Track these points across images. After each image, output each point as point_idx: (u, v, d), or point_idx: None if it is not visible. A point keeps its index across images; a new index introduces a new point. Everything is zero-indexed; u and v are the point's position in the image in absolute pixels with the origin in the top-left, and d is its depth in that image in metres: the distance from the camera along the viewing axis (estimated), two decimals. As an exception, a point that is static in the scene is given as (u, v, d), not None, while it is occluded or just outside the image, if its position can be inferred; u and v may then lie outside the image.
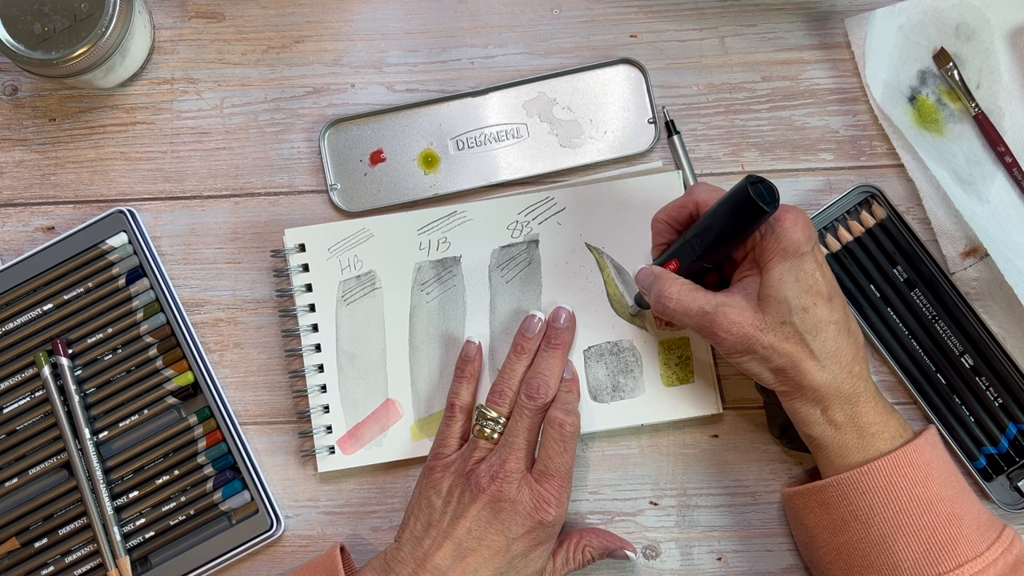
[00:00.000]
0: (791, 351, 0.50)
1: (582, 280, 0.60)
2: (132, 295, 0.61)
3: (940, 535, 0.49)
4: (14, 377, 0.61)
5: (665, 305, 0.52)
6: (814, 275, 0.50)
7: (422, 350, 0.60)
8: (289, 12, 0.65)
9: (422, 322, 0.61)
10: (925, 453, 0.51)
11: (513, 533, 0.53)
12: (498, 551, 0.53)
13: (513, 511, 0.53)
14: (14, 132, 0.65)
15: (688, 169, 0.62)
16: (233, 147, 0.64)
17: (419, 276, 0.61)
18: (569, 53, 0.64)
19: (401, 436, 0.60)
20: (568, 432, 0.54)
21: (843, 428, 0.51)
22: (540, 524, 0.53)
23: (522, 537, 0.53)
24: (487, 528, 0.53)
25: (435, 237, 0.61)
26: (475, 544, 0.52)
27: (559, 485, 0.54)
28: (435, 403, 0.60)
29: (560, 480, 0.54)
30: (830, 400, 0.51)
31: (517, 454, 0.54)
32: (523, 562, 0.53)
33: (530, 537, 0.53)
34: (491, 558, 0.52)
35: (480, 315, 0.60)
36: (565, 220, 0.61)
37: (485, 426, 0.55)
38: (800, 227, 0.50)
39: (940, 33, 0.62)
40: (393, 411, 0.60)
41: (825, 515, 0.52)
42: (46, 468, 0.60)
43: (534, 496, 0.53)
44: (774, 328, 0.50)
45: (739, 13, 0.63)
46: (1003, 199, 0.60)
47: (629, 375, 0.59)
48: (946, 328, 0.60)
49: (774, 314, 0.50)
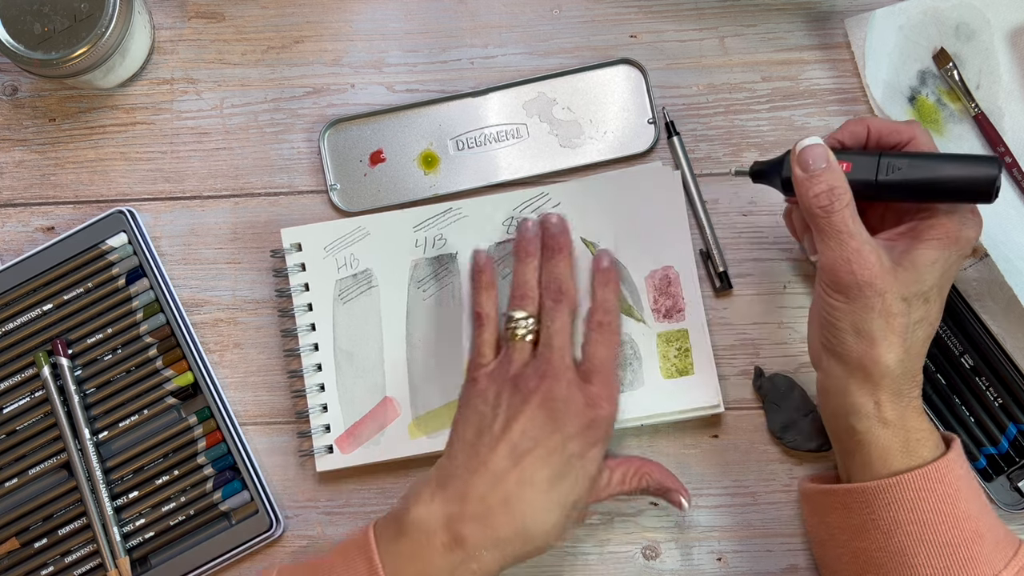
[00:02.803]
0: (891, 324, 0.48)
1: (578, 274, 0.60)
2: (132, 295, 0.61)
3: (962, 552, 0.48)
4: (14, 377, 0.61)
5: (821, 186, 0.48)
6: (953, 276, 0.50)
7: (419, 347, 0.60)
8: (289, 12, 0.65)
9: (419, 319, 0.61)
10: (956, 469, 0.49)
11: (568, 431, 0.51)
12: (554, 450, 0.51)
13: (566, 409, 0.51)
14: (14, 132, 0.65)
15: (688, 169, 0.62)
16: (233, 147, 0.64)
17: (415, 273, 0.61)
18: (569, 53, 0.64)
19: (399, 434, 0.59)
20: (610, 329, 0.54)
21: (892, 427, 0.49)
22: (594, 421, 0.52)
23: (577, 435, 0.51)
24: (542, 428, 0.51)
25: (431, 234, 0.61)
26: (531, 445, 0.51)
27: (606, 379, 0.53)
28: (432, 401, 0.60)
29: (606, 374, 0.53)
30: (888, 392, 0.49)
31: (559, 353, 0.53)
32: (580, 462, 0.52)
33: (586, 436, 0.52)
34: (548, 458, 0.51)
35: None
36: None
37: (518, 327, 0.54)
38: (978, 226, 0.49)
39: (940, 33, 0.62)
40: (391, 409, 0.60)
41: (845, 517, 0.51)
42: (46, 468, 0.60)
43: (585, 393, 0.52)
44: (894, 295, 0.48)
45: (739, 13, 0.63)
46: (1003, 199, 0.60)
47: (628, 368, 0.59)
48: (946, 328, 0.59)
49: (903, 285, 0.48)
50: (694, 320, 0.59)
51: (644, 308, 0.60)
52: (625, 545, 0.60)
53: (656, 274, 0.60)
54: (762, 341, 0.61)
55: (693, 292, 0.60)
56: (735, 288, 0.61)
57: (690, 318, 0.59)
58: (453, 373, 0.60)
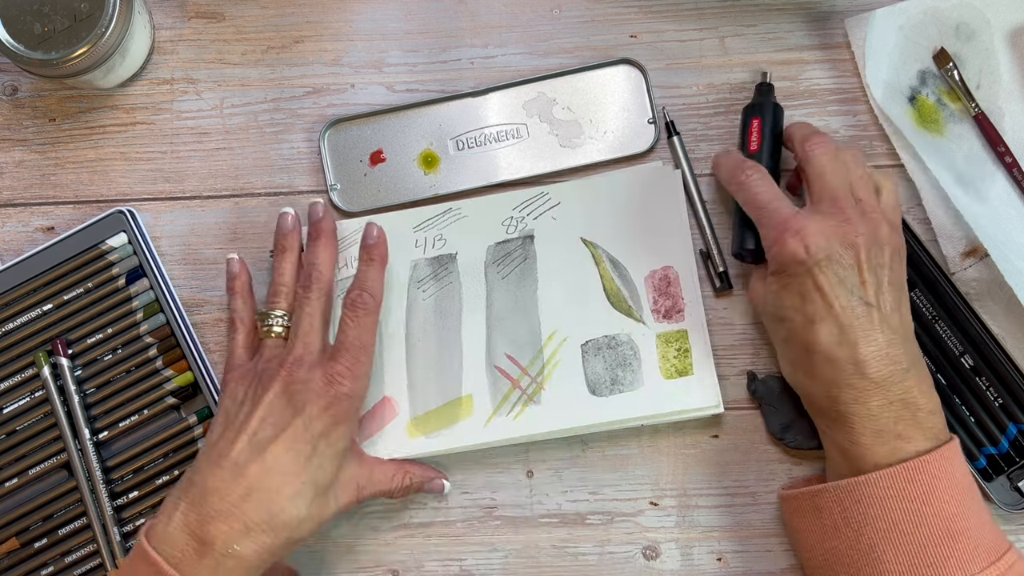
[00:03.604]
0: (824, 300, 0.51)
1: (578, 274, 0.60)
2: (132, 295, 0.61)
3: (930, 552, 0.48)
4: (14, 377, 0.61)
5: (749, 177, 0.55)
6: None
7: (419, 347, 0.60)
8: (289, 12, 0.65)
9: (418, 319, 0.61)
10: (934, 468, 0.49)
11: (310, 412, 0.52)
12: (297, 435, 0.51)
13: (306, 390, 0.52)
14: (14, 132, 0.65)
15: (688, 169, 0.62)
16: (233, 147, 0.64)
17: (415, 274, 0.61)
18: (569, 53, 0.64)
19: (397, 434, 0.59)
20: (360, 305, 0.54)
21: (868, 426, 0.50)
22: (335, 399, 0.52)
23: (319, 415, 0.52)
24: (282, 413, 0.52)
25: (431, 234, 0.61)
26: (272, 432, 0.51)
27: (352, 357, 0.53)
28: (431, 401, 0.60)
29: (354, 353, 0.53)
30: (843, 387, 0.50)
31: (305, 340, 0.54)
32: (325, 443, 0.52)
33: (328, 414, 0.52)
34: (291, 444, 0.51)
35: (476, 311, 0.60)
36: (560, 215, 0.61)
37: (270, 325, 0.55)
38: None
39: (940, 33, 0.62)
40: (389, 409, 0.60)
41: (818, 520, 0.51)
42: (46, 468, 0.60)
43: (326, 372, 0.52)
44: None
45: (739, 13, 0.63)
46: (1003, 199, 0.60)
47: (627, 368, 0.59)
48: (946, 328, 0.59)
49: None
50: (694, 320, 0.59)
51: (644, 309, 0.60)
52: (625, 545, 0.60)
53: (656, 274, 0.60)
54: (762, 341, 0.61)
55: (693, 292, 0.60)
56: (735, 288, 0.61)
57: (690, 318, 0.59)
58: (453, 373, 0.60)
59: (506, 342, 0.60)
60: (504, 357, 0.60)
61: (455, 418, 0.59)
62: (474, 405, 0.59)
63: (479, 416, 0.59)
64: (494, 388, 0.59)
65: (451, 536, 0.60)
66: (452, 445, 0.59)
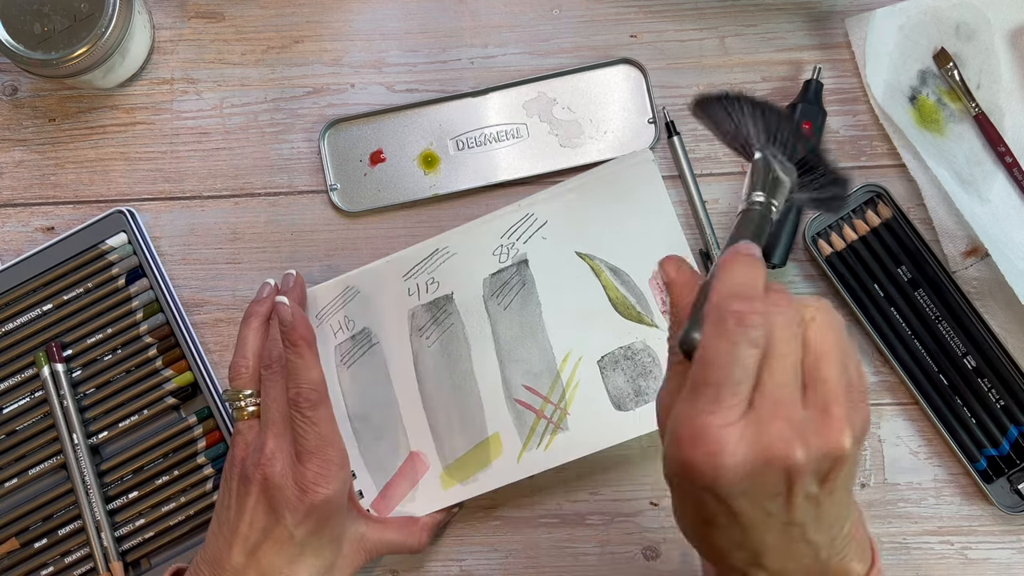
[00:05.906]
0: None
1: (580, 290, 0.59)
2: (132, 295, 0.61)
3: None
4: (14, 377, 0.61)
5: None
6: None
7: (434, 396, 0.59)
8: (289, 12, 0.65)
9: (428, 368, 0.59)
10: None
11: (291, 520, 0.51)
12: (282, 540, 0.51)
13: (283, 499, 0.51)
14: (14, 132, 0.65)
15: (688, 169, 0.61)
16: (233, 147, 0.64)
17: (415, 322, 0.60)
18: (569, 53, 0.64)
19: (432, 487, 0.58)
20: (304, 403, 0.51)
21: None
22: (312, 507, 0.51)
23: (302, 523, 0.51)
24: (267, 518, 0.51)
25: (422, 280, 0.60)
26: (260, 536, 0.51)
27: (320, 460, 0.51)
28: (459, 447, 0.58)
29: (320, 454, 0.51)
30: None
31: (274, 430, 0.52)
32: (317, 541, 0.52)
33: (311, 520, 0.51)
34: (280, 548, 0.51)
35: (485, 348, 0.59)
36: (550, 233, 0.59)
37: (241, 407, 0.54)
38: None
39: (940, 33, 0.62)
40: (420, 464, 0.58)
41: None
42: (45, 468, 0.60)
43: (299, 479, 0.50)
44: None
45: (739, 13, 0.63)
46: (1003, 199, 0.60)
47: (649, 377, 0.58)
48: (949, 329, 0.59)
49: None
50: None
51: (653, 311, 0.59)
52: (625, 545, 0.60)
53: (658, 274, 0.60)
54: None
55: None
56: (735, 288, 0.61)
57: None
58: (474, 415, 0.58)
59: (521, 373, 0.58)
60: (522, 389, 0.58)
61: (486, 460, 0.58)
62: (503, 443, 0.58)
63: (510, 453, 0.57)
64: (519, 422, 0.58)
65: (451, 536, 0.60)
66: (489, 487, 0.57)
